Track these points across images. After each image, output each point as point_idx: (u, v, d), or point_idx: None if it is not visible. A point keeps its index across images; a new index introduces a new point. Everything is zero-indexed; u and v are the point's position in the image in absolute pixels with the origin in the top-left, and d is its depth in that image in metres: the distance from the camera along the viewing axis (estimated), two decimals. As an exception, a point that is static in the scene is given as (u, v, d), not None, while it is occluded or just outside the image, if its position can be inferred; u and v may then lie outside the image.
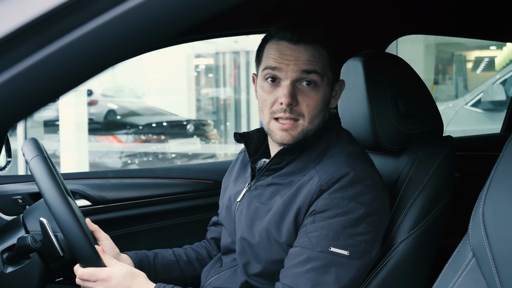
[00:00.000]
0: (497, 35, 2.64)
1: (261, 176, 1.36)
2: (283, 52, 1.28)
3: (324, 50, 1.30)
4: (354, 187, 1.23)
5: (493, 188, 0.87)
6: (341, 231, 1.20)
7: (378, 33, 2.16)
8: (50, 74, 0.62)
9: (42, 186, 1.27)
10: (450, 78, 8.71)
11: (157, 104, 9.20)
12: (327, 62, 1.30)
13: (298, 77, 1.27)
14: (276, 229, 1.27)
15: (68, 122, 6.72)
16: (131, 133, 8.07)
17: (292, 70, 1.27)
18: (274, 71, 1.28)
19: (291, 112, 1.27)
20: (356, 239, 1.21)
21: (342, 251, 1.20)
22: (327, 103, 1.34)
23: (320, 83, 1.29)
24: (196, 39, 2.04)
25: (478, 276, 0.87)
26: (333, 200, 1.22)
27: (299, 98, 1.28)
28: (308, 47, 1.27)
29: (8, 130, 0.85)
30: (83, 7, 0.61)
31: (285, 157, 1.32)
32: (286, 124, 1.28)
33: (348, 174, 1.24)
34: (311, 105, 1.28)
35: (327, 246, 1.20)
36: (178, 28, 0.64)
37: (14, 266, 1.31)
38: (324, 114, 1.33)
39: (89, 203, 1.96)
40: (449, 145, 1.45)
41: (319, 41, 1.29)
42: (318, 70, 1.28)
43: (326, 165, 1.28)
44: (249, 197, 1.36)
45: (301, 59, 1.27)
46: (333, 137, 1.34)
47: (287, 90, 1.26)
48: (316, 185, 1.24)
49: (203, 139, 8.30)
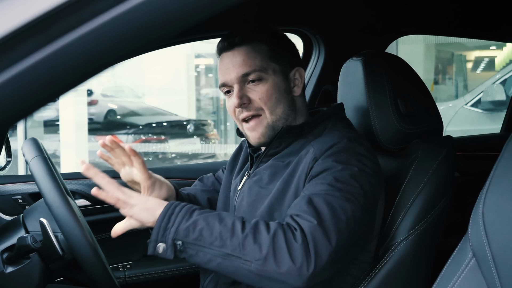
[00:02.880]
0: (497, 35, 2.65)
1: (260, 162, 1.39)
2: (224, 62, 1.35)
3: (262, 45, 1.34)
4: (347, 152, 1.25)
5: (493, 188, 0.87)
6: (336, 184, 1.20)
7: (378, 33, 2.16)
8: (50, 74, 0.62)
9: (42, 186, 1.27)
10: (450, 78, 8.72)
11: (157, 104, 9.21)
12: (267, 55, 1.34)
13: (241, 80, 1.33)
14: (278, 205, 1.28)
15: (68, 122, 6.72)
16: (131, 133, 8.07)
17: (234, 78, 1.33)
18: (225, 86, 1.36)
19: (248, 110, 1.33)
20: (349, 190, 1.20)
21: (339, 194, 1.19)
22: (285, 91, 1.36)
23: (264, 76, 1.33)
24: (196, 39, 2.04)
25: (478, 276, 0.87)
26: (327, 163, 1.24)
27: (250, 95, 1.33)
28: (241, 48, 1.33)
29: (8, 130, 0.85)
30: (83, 7, 0.61)
31: (284, 139, 1.35)
32: (251, 122, 1.34)
33: (340, 142, 1.27)
34: (264, 97, 1.32)
35: (325, 190, 1.19)
36: (178, 28, 0.64)
37: (14, 266, 1.31)
38: (288, 103, 1.35)
39: (89, 203, 1.96)
40: (449, 145, 1.45)
41: (252, 37, 1.34)
42: (256, 68, 1.32)
43: (321, 139, 1.31)
44: (249, 183, 1.38)
45: (237, 63, 1.33)
46: (330, 124, 1.36)
47: (235, 94, 1.33)
48: (312, 155, 1.27)
49: (203, 139, 8.30)
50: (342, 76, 1.60)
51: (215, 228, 1.14)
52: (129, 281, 1.95)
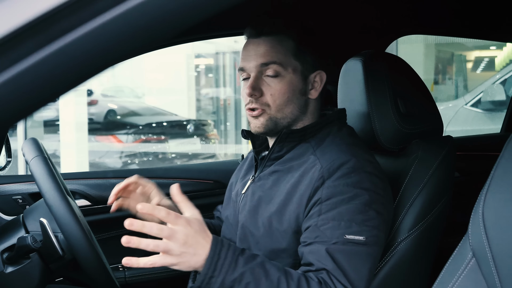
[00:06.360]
0: (497, 35, 2.65)
1: (264, 167, 1.39)
2: (247, 49, 1.34)
3: (288, 39, 1.32)
4: (357, 173, 1.24)
5: (493, 188, 0.87)
6: (352, 218, 1.20)
7: (378, 33, 2.16)
8: (50, 74, 0.62)
9: (42, 186, 1.27)
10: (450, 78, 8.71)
11: (157, 104, 9.20)
12: (292, 50, 1.32)
13: (259, 70, 1.32)
14: (278, 217, 1.28)
15: (68, 122, 6.71)
16: (131, 133, 8.07)
17: (253, 66, 1.32)
18: (243, 71, 1.35)
19: (256, 103, 1.32)
20: (367, 224, 1.21)
21: (358, 237, 1.20)
22: (300, 92, 1.34)
23: (283, 72, 1.31)
24: (196, 39, 2.04)
25: (478, 276, 0.87)
26: (337, 187, 1.22)
27: (263, 89, 1.32)
28: (267, 39, 1.31)
29: (8, 130, 0.85)
30: (83, 7, 0.61)
31: (285, 144, 1.34)
32: (254, 112, 1.33)
33: (349, 161, 1.25)
34: (275, 94, 1.31)
35: (342, 235, 1.19)
36: (178, 28, 0.64)
37: (14, 266, 1.31)
38: (299, 104, 1.34)
39: (89, 203, 1.96)
40: (449, 145, 1.45)
41: (280, 30, 1.32)
42: (277, 61, 1.30)
43: (327, 152, 1.29)
44: (253, 188, 1.38)
45: (259, 52, 1.31)
46: (334, 129, 1.35)
47: (249, 83, 1.32)
48: (318, 173, 1.25)
49: (203, 139, 8.30)
50: (342, 76, 1.60)
51: (261, 285, 1.13)
52: (129, 281, 1.95)
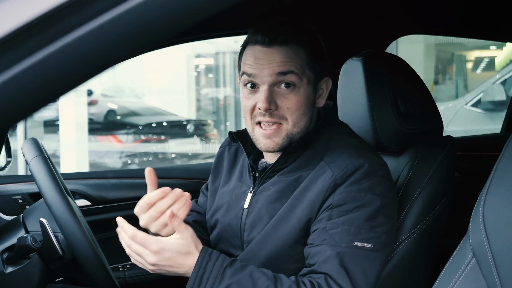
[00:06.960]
0: (497, 35, 2.64)
1: (266, 178, 1.34)
2: (257, 56, 1.26)
3: (301, 49, 1.26)
4: (369, 179, 1.23)
5: (493, 188, 0.87)
6: (362, 224, 1.20)
7: (378, 33, 2.16)
8: (50, 74, 0.62)
9: (42, 187, 1.27)
10: (450, 78, 8.72)
11: (157, 104, 9.20)
12: (305, 61, 1.27)
13: (274, 80, 1.25)
14: (284, 225, 1.27)
15: (68, 122, 6.72)
16: (131, 133, 8.07)
17: (267, 74, 1.24)
18: (250, 77, 1.27)
19: (271, 116, 1.26)
20: (376, 231, 1.22)
21: (366, 245, 1.20)
22: (312, 103, 1.31)
23: (299, 83, 1.26)
24: (196, 39, 2.04)
25: (478, 276, 0.87)
26: (350, 193, 1.22)
27: (278, 101, 1.25)
28: (281, 48, 1.24)
29: (8, 130, 0.85)
30: (83, 7, 0.61)
31: (290, 155, 1.31)
32: (269, 130, 1.27)
33: (362, 166, 1.23)
34: (293, 108, 1.26)
35: (351, 241, 1.20)
36: (178, 28, 0.64)
37: (14, 266, 1.31)
38: (310, 115, 1.31)
39: (89, 203, 1.96)
40: (449, 145, 1.45)
41: (294, 40, 1.26)
42: (295, 70, 1.25)
43: (336, 157, 1.27)
44: (256, 201, 1.34)
45: (274, 61, 1.24)
46: (333, 131, 1.34)
47: (264, 96, 1.24)
48: (330, 180, 1.23)
49: (203, 139, 8.31)
50: (342, 76, 1.60)
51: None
52: (129, 281, 1.95)
